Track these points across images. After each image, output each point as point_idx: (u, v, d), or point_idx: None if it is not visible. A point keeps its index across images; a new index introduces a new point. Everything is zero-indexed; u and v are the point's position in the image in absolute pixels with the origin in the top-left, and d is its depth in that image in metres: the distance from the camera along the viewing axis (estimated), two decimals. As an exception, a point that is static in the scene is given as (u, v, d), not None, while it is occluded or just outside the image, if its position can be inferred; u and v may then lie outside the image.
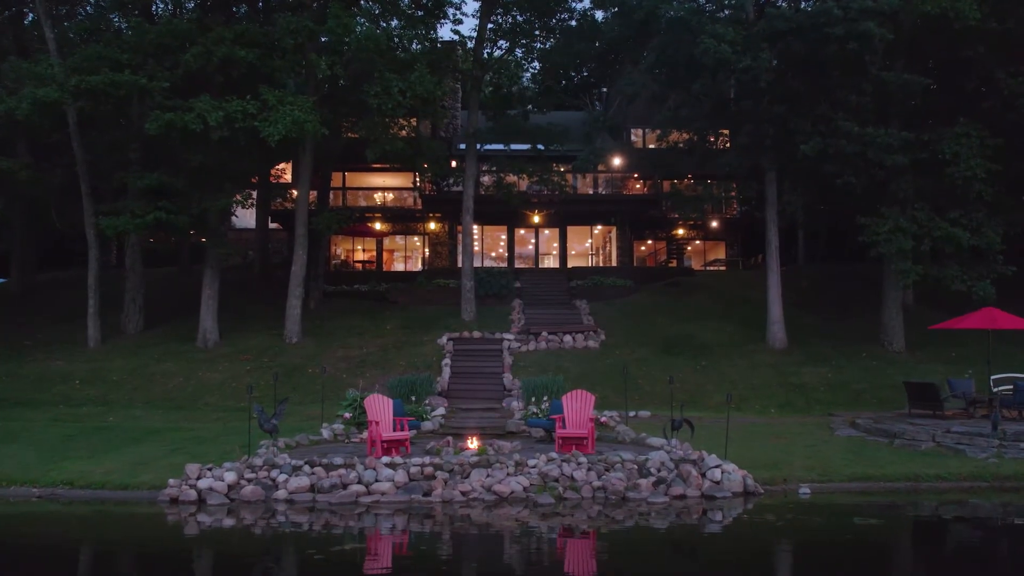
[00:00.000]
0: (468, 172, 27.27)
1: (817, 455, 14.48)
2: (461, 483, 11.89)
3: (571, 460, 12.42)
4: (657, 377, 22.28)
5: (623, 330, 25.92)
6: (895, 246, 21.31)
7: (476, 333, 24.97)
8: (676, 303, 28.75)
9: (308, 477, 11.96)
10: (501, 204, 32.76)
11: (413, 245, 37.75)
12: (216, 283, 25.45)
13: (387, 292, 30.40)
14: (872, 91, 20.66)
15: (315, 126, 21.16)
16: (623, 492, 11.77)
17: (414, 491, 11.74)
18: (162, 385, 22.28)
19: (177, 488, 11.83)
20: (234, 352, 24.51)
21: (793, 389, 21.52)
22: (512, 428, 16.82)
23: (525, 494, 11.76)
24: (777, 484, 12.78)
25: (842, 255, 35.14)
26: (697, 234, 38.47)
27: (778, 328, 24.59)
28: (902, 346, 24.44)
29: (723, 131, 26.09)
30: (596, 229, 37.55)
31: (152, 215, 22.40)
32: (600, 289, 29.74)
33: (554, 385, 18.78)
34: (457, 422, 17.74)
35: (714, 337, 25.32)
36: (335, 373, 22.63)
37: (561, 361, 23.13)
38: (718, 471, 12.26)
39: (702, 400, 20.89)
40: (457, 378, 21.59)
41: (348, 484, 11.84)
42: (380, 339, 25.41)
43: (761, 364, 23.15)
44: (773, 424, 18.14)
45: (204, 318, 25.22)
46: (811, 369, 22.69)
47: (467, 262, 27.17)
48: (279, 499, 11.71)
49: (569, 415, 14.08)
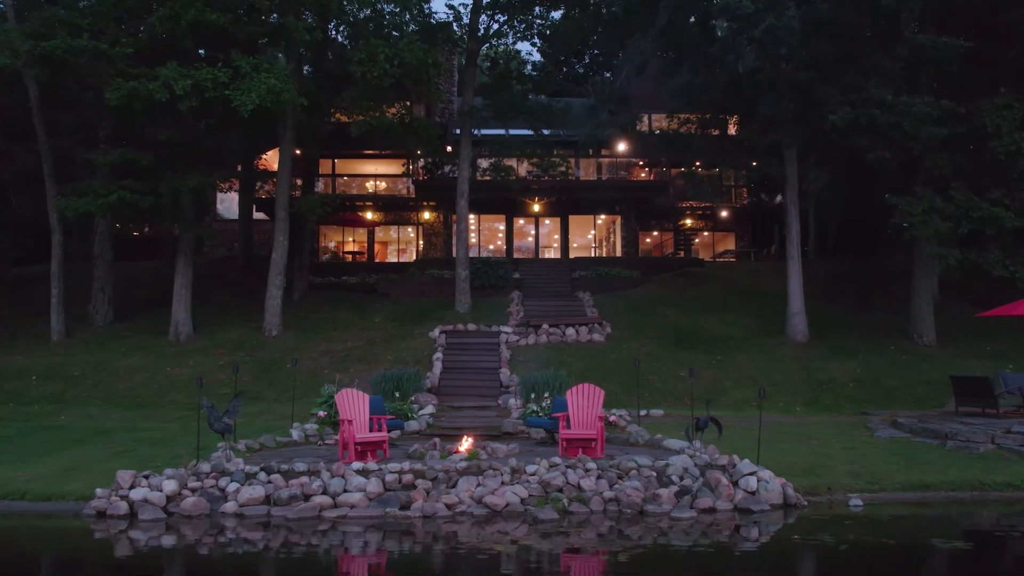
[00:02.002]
0: (463, 153, 25.31)
1: (861, 459, 12.52)
2: (446, 494, 9.93)
3: (577, 466, 10.46)
4: (669, 373, 20.35)
5: (630, 323, 23.97)
6: (930, 228, 19.36)
7: (471, 326, 23.03)
8: (686, 295, 26.81)
9: (263, 486, 10.01)
10: (499, 191, 30.83)
11: (407, 237, 35.78)
12: (190, 272, 23.50)
13: (377, 284, 28.46)
14: (906, 56, 18.69)
15: (292, 96, 19.21)
16: (640, 505, 9.81)
17: (389, 503, 9.78)
18: (126, 381, 20.32)
19: (106, 499, 9.87)
20: (208, 346, 22.57)
21: (819, 385, 19.56)
22: (509, 428, 14.87)
23: (523, 507, 9.80)
24: (820, 494, 10.83)
25: (851, 249, 33.56)
26: (706, 225, 36.51)
27: (799, 320, 22.62)
28: (933, 339, 22.49)
29: (737, 112, 24.01)
30: (599, 219, 35.57)
31: (116, 195, 20.44)
32: (605, 280, 27.79)
33: (556, 381, 16.82)
34: (447, 421, 15.79)
35: (729, 330, 23.38)
36: (316, 368, 20.69)
37: (563, 355, 21.18)
38: (753, 479, 10.30)
39: (720, 397, 18.92)
40: (449, 373, 19.64)
41: (311, 495, 9.88)
42: (367, 332, 23.47)
43: (782, 358, 21.20)
44: (802, 424, 16.18)
45: (176, 310, 23.27)
46: (837, 364, 20.72)
47: (462, 250, 25.21)
48: (227, 513, 9.74)
49: (574, 413, 12.13)
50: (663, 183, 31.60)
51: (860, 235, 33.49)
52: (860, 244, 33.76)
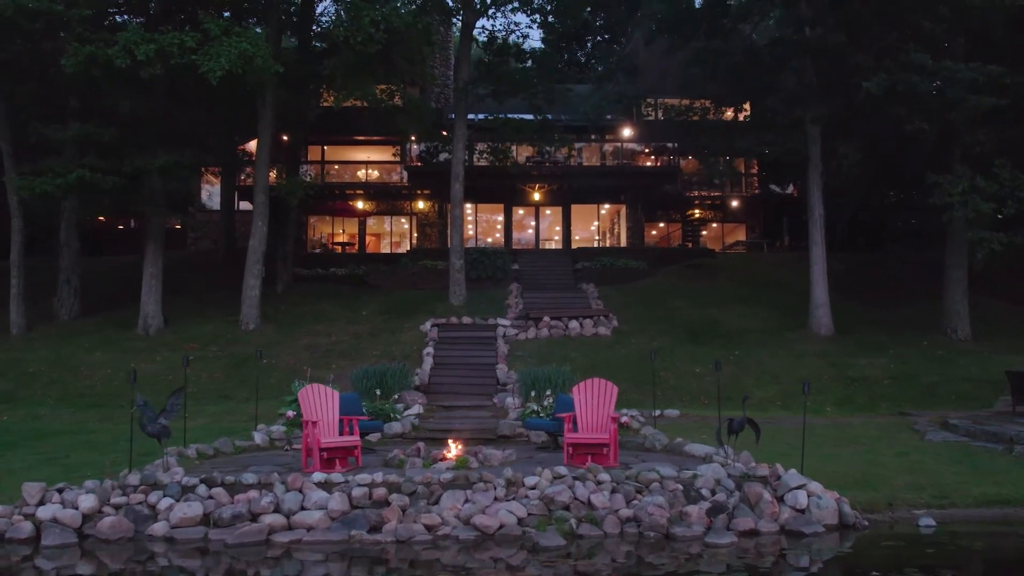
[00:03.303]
0: (458, 133, 23.44)
1: (919, 468, 10.66)
2: (427, 512, 8.08)
3: (587, 477, 8.60)
4: (683, 369, 18.49)
5: (638, 316, 22.11)
6: (972, 209, 17.52)
7: (466, 319, 21.17)
8: (697, 286, 24.95)
9: (202, 503, 8.15)
10: (497, 178, 28.99)
11: (400, 228, 33.90)
12: (160, 261, 21.65)
13: (366, 275, 26.59)
14: (949, 17, 16.83)
15: (267, 62, 17.34)
16: (665, 526, 7.95)
17: (356, 524, 7.92)
18: (86, 378, 18.46)
19: (6, 519, 8.01)
20: (179, 340, 20.71)
21: (851, 383, 17.69)
22: (506, 431, 13.01)
23: (521, 529, 7.94)
24: (880, 511, 8.97)
25: (859, 245, 31.81)
26: (715, 215, 34.62)
27: (823, 312, 20.76)
28: (968, 333, 20.68)
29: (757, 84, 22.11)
30: (603, 209, 33.71)
31: (75, 175, 18.58)
32: (610, 271, 25.92)
33: (559, 377, 14.97)
34: (436, 423, 13.92)
35: (746, 323, 21.51)
36: (295, 364, 18.82)
37: (566, 350, 19.30)
38: (801, 494, 8.44)
39: (739, 396, 17.10)
40: (441, 370, 17.76)
41: (259, 514, 8.03)
42: (353, 326, 21.61)
43: (806, 353, 19.33)
44: (838, 425, 14.31)
45: (145, 302, 21.42)
46: (868, 359, 18.85)
47: (456, 237, 23.35)
48: (155, 536, 7.88)
49: (583, 413, 10.27)
50: (671, 169, 29.69)
51: (865, 234, 31.96)
52: (865, 242, 32.17)
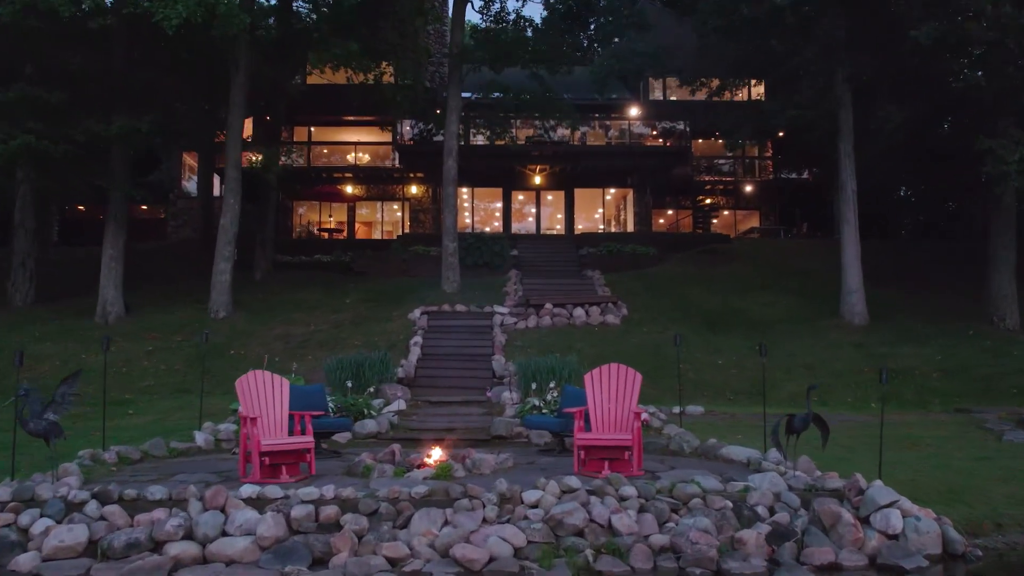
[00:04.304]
0: (451, 104, 21.31)
1: (1016, 477, 8.57)
2: (391, 540, 5.97)
3: (606, 491, 6.50)
4: (703, 361, 16.40)
5: (649, 304, 20.01)
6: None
7: (459, 306, 19.08)
8: (713, 273, 22.85)
9: (88, 526, 6.06)
10: (495, 159, 26.90)
11: (392, 216, 31.74)
12: (121, 240, 19.56)
13: (352, 262, 24.53)
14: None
15: (232, 10, 15.22)
16: (715, 560, 5.84)
17: (294, 556, 5.82)
18: (29, 371, 16.26)
19: None
20: (141, 329, 18.61)
21: (894, 376, 15.47)
22: (501, 431, 10.90)
23: (518, 562, 5.84)
24: (986, 534, 6.87)
25: (873, 233, 29.76)
26: (727, 202, 32.54)
27: (856, 299, 18.67)
28: (1016, 322, 18.63)
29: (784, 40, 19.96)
30: (609, 194, 31.56)
31: (19, 141, 16.50)
32: (617, 257, 23.82)
33: (564, 368, 12.88)
34: (419, 420, 11.82)
35: (770, 312, 19.44)
36: (268, 355, 16.73)
37: (571, 340, 17.19)
38: (894, 514, 6.33)
39: (769, 391, 15.02)
40: (429, 361, 15.65)
41: (164, 541, 5.93)
42: (335, 315, 19.52)
43: (840, 344, 17.23)
44: (889, 424, 12.16)
45: (104, 287, 19.33)
46: (910, 350, 16.76)
47: (450, 218, 21.22)
48: (19, 571, 5.78)
49: (597, 406, 8.17)
50: (682, 148, 27.51)
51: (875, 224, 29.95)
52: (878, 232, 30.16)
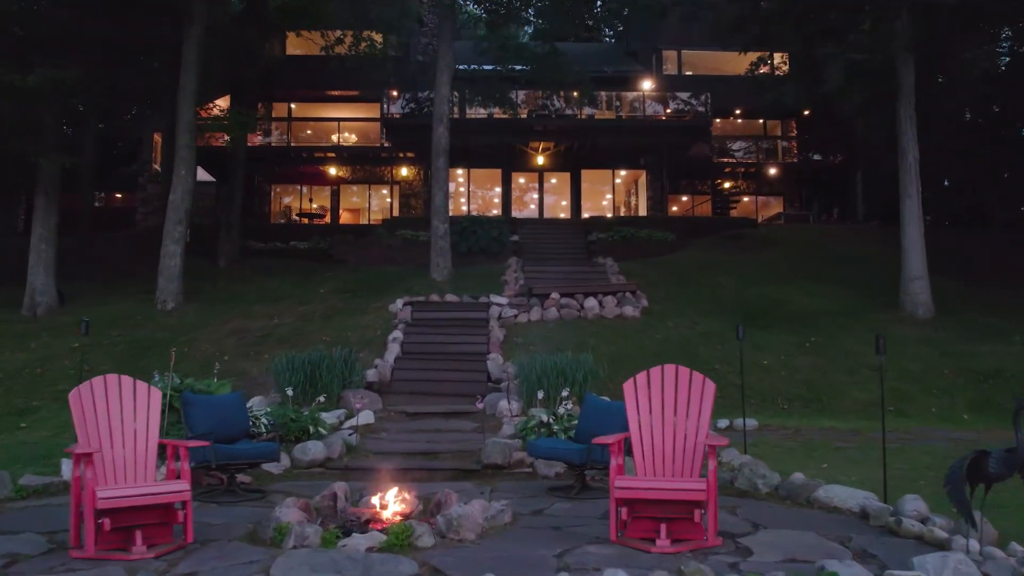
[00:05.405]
0: (442, 63, 18.44)
1: None
2: None
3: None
4: (746, 361, 13.41)
5: (672, 294, 17.13)
6: None
7: (450, 296, 16.21)
8: (743, 260, 19.99)
9: None
10: (493, 133, 24.04)
11: (382, 202, 28.88)
12: (52, 220, 16.74)
13: (331, 248, 21.68)
14: None
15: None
16: None
17: None
18: (-77, 373, 13.51)
19: None
20: (73, 322, 15.64)
21: (983, 379, 12.67)
22: (496, 457, 7.92)
23: None
24: None
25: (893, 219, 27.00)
26: (748, 186, 29.69)
27: (920, 288, 15.77)
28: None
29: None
30: (619, 177, 28.70)
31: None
32: (631, 243, 20.95)
33: (577, 370, 10.02)
34: (388, 440, 8.88)
35: (817, 303, 16.57)
36: (217, 352, 13.82)
37: (583, 336, 14.26)
38: None
39: (832, 399, 12.19)
40: (410, 361, 12.73)
41: None
42: (304, 307, 16.66)
43: (906, 340, 14.31)
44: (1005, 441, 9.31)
45: (33, 273, 16.55)
46: (993, 348, 13.85)
47: (440, 196, 18.36)
48: None
49: (645, 432, 5.24)
50: (702, 123, 24.56)
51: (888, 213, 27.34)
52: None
